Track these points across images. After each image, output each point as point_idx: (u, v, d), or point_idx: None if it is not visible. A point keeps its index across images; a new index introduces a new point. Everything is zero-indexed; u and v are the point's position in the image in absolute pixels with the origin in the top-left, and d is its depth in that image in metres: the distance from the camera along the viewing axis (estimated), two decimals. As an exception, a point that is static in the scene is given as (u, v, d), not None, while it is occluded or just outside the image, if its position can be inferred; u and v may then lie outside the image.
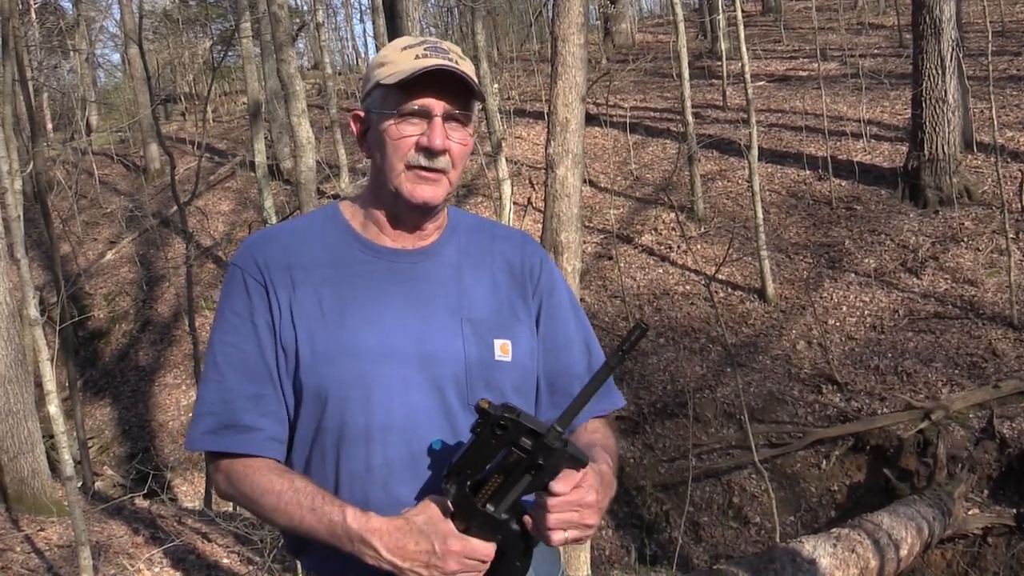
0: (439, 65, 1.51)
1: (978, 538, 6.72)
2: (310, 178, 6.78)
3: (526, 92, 19.25)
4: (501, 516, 1.45)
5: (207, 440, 1.55)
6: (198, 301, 13.60)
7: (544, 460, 1.41)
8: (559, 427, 1.43)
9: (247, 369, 1.55)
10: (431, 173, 1.55)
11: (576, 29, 3.86)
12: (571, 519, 1.43)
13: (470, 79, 1.53)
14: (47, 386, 4.74)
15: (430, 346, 1.56)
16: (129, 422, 12.90)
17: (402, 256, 1.63)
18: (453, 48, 1.59)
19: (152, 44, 26.76)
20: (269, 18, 8.49)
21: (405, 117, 1.54)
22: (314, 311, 1.56)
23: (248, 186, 17.67)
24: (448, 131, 1.55)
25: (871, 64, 14.97)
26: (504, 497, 1.44)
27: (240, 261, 1.61)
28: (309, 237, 1.64)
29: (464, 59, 1.59)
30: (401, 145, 1.55)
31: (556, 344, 1.70)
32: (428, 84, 1.52)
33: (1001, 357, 8.24)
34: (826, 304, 9.89)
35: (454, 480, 1.44)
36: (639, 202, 13.31)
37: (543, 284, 1.71)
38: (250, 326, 1.56)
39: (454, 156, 1.56)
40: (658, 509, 8.39)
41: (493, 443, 1.41)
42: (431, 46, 1.56)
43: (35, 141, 10.70)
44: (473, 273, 1.66)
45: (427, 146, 1.53)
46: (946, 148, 10.58)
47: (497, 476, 1.43)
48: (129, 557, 5.79)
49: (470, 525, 1.44)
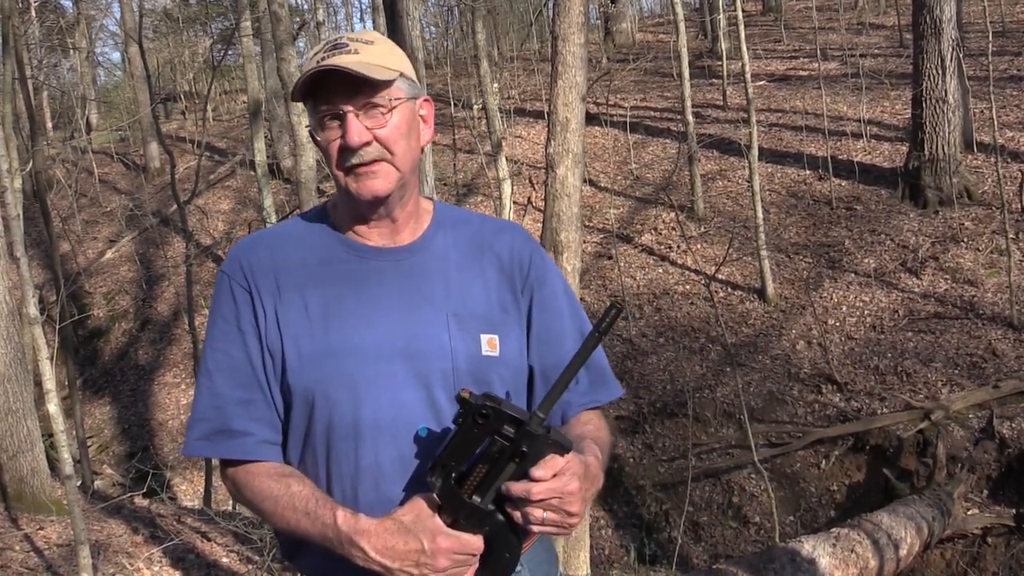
0: (327, 67, 1.49)
1: (977, 538, 6.72)
2: (310, 177, 6.78)
3: (526, 91, 19.24)
4: (488, 507, 1.44)
5: (200, 446, 1.57)
6: (198, 300, 13.60)
7: (528, 447, 1.40)
8: (541, 413, 1.42)
9: (236, 375, 1.56)
10: (366, 167, 1.54)
11: (576, 28, 3.86)
12: (551, 505, 1.41)
13: (358, 72, 1.48)
14: (46, 385, 4.74)
15: (416, 343, 1.55)
16: (128, 421, 12.90)
17: (387, 254, 1.62)
18: (359, 37, 1.56)
19: (152, 43, 26.75)
20: (269, 17, 8.49)
21: (324, 124, 1.54)
22: (299, 314, 1.56)
23: (248, 185, 17.67)
24: (366, 121, 1.52)
25: (871, 64, 14.97)
26: (490, 487, 1.43)
27: (227, 268, 1.63)
28: (295, 240, 1.64)
29: (372, 42, 1.56)
30: (330, 151, 1.55)
31: (549, 336, 1.68)
32: (327, 84, 1.51)
33: (1001, 357, 8.24)
34: (826, 304, 9.89)
35: (439, 473, 1.43)
36: (639, 202, 13.31)
37: (533, 276, 1.69)
38: (237, 332, 1.57)
39: (384, 141, 1.53)
40: (658, 509, 8.39)
41: (476, 432, 1.41)
42: (332, 46, 1.54)
43: (35, 139, 10.70)
44: (460, 268, 1.64)
45: (345, 146, 1.52)
46: (946, 148, 10.57)
47: (481, 466, 1.42)
48: (128, 556, 5.78)
49: (457, 518, 1.43)
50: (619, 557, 7.92)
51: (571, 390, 1.69)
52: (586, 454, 1.51)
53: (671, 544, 7.74)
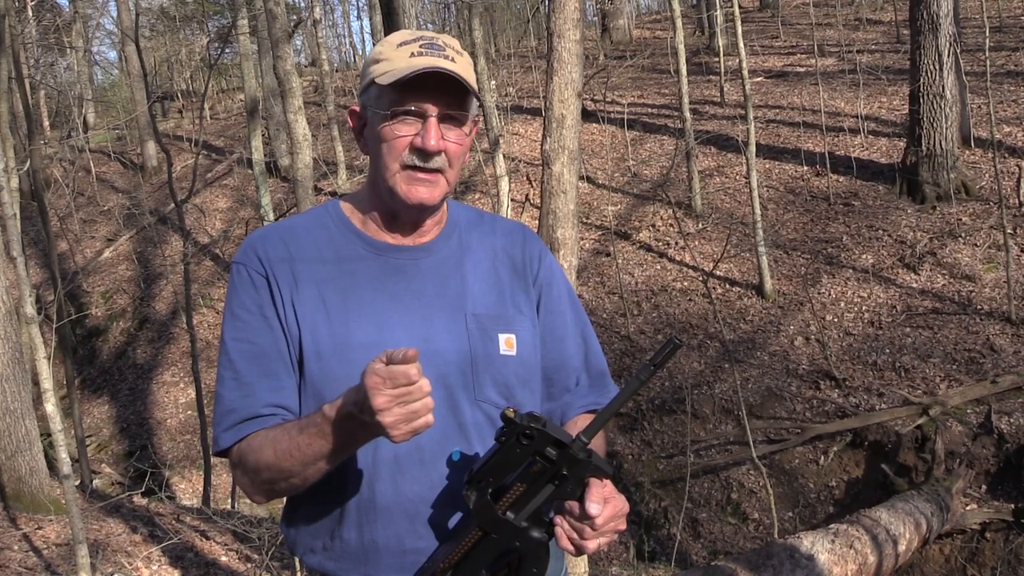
0: (434, 67, 1.49)
1: (976, 533, 6.73)
2: (307, 175, 6.76)
3: (523, 88, 19.24)
4: (521, 524, 1.46)
5: (230, 436, 1.53)
6: (196, 299, 13.59)
7: (568, 470, 1.42)
8: (584, 438, 1.44)
9: (262, 362, 1.54)
10: (426, 174, 1.54)
11: (572, 25, 3.85)
12: (608, 529, 1.44)
13: (464, 80, 1.51)
14: (44, 384, 4.74)
15: (435, 342, 1.55)
16: (127, 420, 12.89)
17: (403, 252, 1.62)
18: (451, 43, 1.57)
19: (149, 41, 26.72)
20: (266, 15, 8.47)
21: (400, 117, 1.53)
22: (317, 306, 1.55)
23: (245, 183, 17.66)
24: (443, 131, 1.53)
25: (869, 60, 14.97)
26: (525, 506, 1.45)
27: (242, 258, 1.60)
28: (310, 232, 1.63)
29: (462, 54, 1.57)
30: (396, 145, 1.53)
31: (553, 337, 1.70)
32: (422, 84, 1.50)
33: (999, 352, 8.24)
34: (824, 300, 9.89)
35: (475, 487, 1.44)
36: (637, 198, 13.31)
37: (542, 277, 1.71)
38: (261, 319, 1.56)
39: (450, 155, 1.55)
40: (656, 505, 8.39)
41: (518, 452, 1.42)
42: (427, 43, 1.54)
43: (32, 138, 10.69)
44: (475, 268, 1.65)
45: (421, 147, 1.52)
46: (943, 144, 10.57)
47: (520, 484, 1.44)
48: (127, 555, 5.78)
49: (489, 532, 1.45)
50: (618, 554, 7.93)
51: (572, 392, 1.71)
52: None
53: (670, 540, 7.75)
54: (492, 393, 1.57)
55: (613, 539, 1.47)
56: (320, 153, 15.67)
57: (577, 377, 1.72)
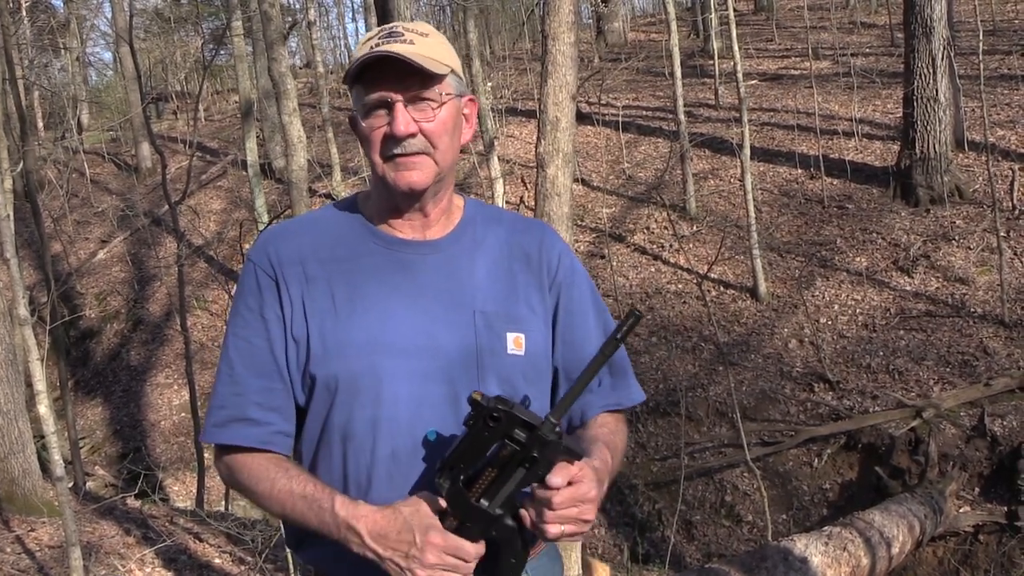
0: (383, 53, 1.49)
1: (969, 535, 6.75)
2: (301, 177, 6.75)
3: (518, 90, 19.23)
4: (495, 511, 1.43)
5: (218, 433, 1.57)
6: (190, 300, 13.56)
7: (539, 453, 1.40)
8: (553, 418, 1.41)
9: (257, 363, 1.57)
10: (408, 158, 1.54)
11: (566, 27, 3.85)
12: (570, 514, 1.42)
13: (415, 61, 1.49)
14: (37, 386, 4.72)
15: (442, 339, 1.55)
16: (120, 422, 12.85)
17: (416, 247, 1.62)
18: (415, 27, 1.56)
19: (143, 42, 26.65)
20: (260, 16, 8.47)
21: (372, 112, 1.54)
22: (326, 304, 1.56)
23: (240, 185, 17.62)
24: (414, 113, 1.53)
25: (863, 63, 15.01)
26: (498, 492, 1.42)
27: (254, 256, 1.62)
28: (325, 229, 1.64)
29: (426, 35, 1.56)
30: (373, 139, 1.55)
31: (574, 338, 1.69)
32: (382, 73, 1.51)
33: (992, 355, 8.27)
34: (818, 302, 9.91)
35: (447, 475, 1.42)
36: (631, 201, 13.32)
37: (561, 277, 1.69)
38: (260, 321, 1.57)
39: (429, 135, 1.54)
40: (650, 508, 8.39)
41: (486, 436, 1.40)
42: (387, 33, 1.54)
43: (25, 139, 10.66)
44: (488, 264, 1.64)
45: (391, 135, 1.52)
46: (937, 147, 10.60)
47: (491, 470, 1.42)
48: (120, 557, 5.76)
49: (464, 520, 1.42)
50: (612, 556, 7.92)
51: (593, 391, 1.69)
52: (593, 458, 1.52)
53: (664, 543, 7.75)
54: (496, 390, 1.56)
55: (581, 529, 1.44)
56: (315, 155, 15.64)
57: (600, 378, 1.69)
